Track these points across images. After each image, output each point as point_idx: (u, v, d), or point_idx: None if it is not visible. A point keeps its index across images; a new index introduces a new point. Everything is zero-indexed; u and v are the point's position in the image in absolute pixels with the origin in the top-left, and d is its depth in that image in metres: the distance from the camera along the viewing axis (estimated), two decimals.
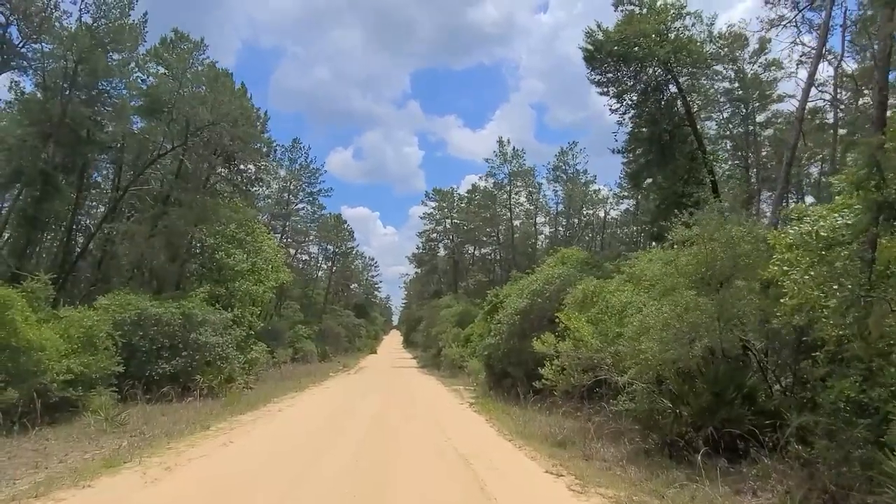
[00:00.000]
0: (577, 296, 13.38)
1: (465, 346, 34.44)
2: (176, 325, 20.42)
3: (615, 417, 12.37)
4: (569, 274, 17.51)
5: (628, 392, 10.33)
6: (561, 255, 20.62)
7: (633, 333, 9.36)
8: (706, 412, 8.99)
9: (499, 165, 52.99)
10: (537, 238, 55.78)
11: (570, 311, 13.01)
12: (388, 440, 11.65)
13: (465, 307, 43.54)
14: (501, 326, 18.82)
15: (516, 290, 20.19)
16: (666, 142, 19.81)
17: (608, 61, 20.18)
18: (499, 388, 19.33)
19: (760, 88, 29.77)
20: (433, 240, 63.89)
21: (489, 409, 16.03)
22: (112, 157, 28.28)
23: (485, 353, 20.32)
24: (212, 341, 20.93)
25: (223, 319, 22.60)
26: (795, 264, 6.89)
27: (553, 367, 11.49)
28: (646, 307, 9.76)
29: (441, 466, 9.18)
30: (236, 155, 31.55)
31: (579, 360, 11.03)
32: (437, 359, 40.40)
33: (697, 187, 18.88)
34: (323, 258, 64.48)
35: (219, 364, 21.24)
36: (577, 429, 11.81)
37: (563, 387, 11.36)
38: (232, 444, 10.44)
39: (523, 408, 15.81)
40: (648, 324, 9.02)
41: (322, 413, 15.94)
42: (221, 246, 26.44)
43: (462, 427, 13.27)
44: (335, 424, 13.66)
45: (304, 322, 49.93)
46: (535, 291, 17.59)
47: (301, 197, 53.01)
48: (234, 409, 15.52)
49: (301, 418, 14.86)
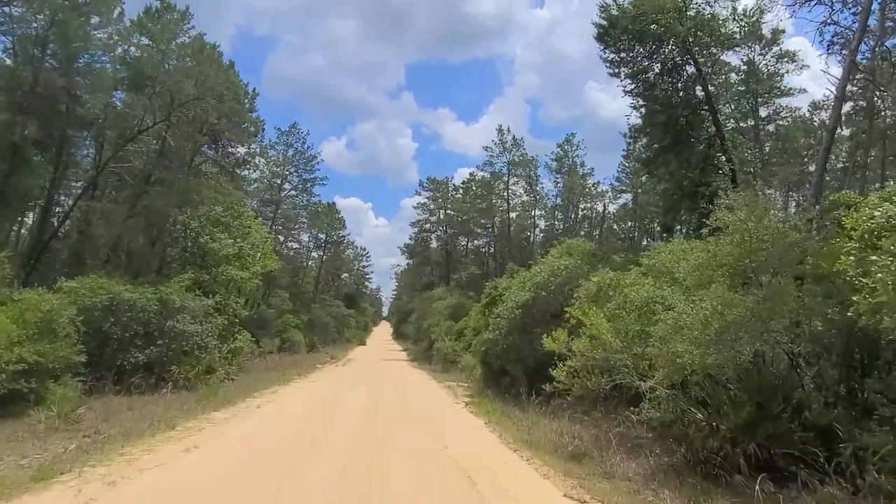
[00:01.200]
0: (590, 289, 12.06)
1: (457, 340, 33.22)
2: (151, 312, 19.09)
3: (628, 424, 11.16)
4: (576, 266, 16.22)
5: (651, 399, 9.07)
6: (567, 246, 19.33)
7: (665, 333, 8.07)
8: (747, 426, 7.74)
9: (497, 154, 51.63)
10: (534, 231, 54.52)
11: (583, 305, 11.73)
12: (377, 449, 10.24)
13: (458, 300, 42.28)
14: (501, 321, 17.51)
15: (517, 282, 18.89)
16: (682, 127, 18.52)
17: (622, 39, 18.80)
18: (496, 386, 18.07)
19: (770, 82, 28.64)
20: (426, 230, 62.46)
21: (487, 409, 14.75)
22: (94, 133, 26.75)
23: (481, 349, 19.02)
24: (190, 329, 19.58)
25: (203, 306, 21.22)
26: (886, 253, 5.57)
27: (566, 368, 10.17)
28: (678, 303, 8.47)
29: (439, 485, 7.85)
30: (223, 134, 30.19)
31: (595, 361, 9.73)
32: (428, 352, 39.10)
33: (715, 176, 17.64)
34: (314, 246, 62.90)
35: (197, 354, 19.88)
36: (588, 437, 10.56)
37: (577, 391, 10.07)
38: (196, 451, 9.05)
39: (524, 410, 14.56)
40: (684, 322, 7.73)
41: (304, 411, 14.54)
42: (206, 229, 25.01)
43: (460, 432, 11.94)
44: (318, 427, 12.26)
45: (293, 311, 48.61)
46: (539, 284, 16.27)
47: (294, 183, 51.41)
48: (209, 404, 14.17)
49: (280, 418, 13.42)
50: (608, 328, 9.54)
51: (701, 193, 17.20)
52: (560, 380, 10.33)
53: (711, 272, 8.37)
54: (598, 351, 9.51)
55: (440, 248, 62.01)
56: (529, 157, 51.90)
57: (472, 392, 19.62)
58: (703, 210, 17.25)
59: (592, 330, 9.72)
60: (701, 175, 17.88)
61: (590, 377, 9.70)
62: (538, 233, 56.39)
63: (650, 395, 9.14)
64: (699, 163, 18.30)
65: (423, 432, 11.77)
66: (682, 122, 18.48)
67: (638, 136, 20.44)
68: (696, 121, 18.75)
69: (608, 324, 9.65)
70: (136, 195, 22.84)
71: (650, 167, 20.88)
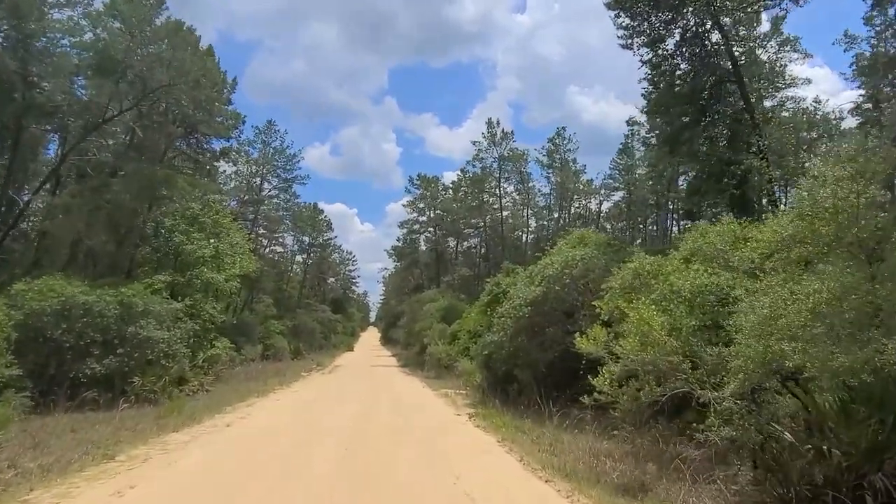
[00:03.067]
0: (625, 278, 10.04)
1: (451, 343, 31.17)
2: (111, 317, 16.98)
3: (674, 442, 9.19)
4: (593, 256, 14.24)
5: (718, 412, 7.08)
6: (579, 236, 17.33)
7: (754, 327, 6.09)
8: (873, 450, 5.76)
9: (486, 148, 49.59)
10: (528, 227, 52.54)
11: (615, 298, 9.74)
12: (371, 486, 7.81)
13: (450, 302, 40.29)
14: (506, 321, 15.50)
15: (523, 277, 16.91)
16: (705, 101, 16.64)
17: (639, 4, 16.93)
18: (501, 394, 16.02)
19: (772, 73, 26.86)
20: (415, 231, 60.31)
21: (496, 423, 12.65)
22: (56, 124, 24.41)
23: (483, 353, 16.98)
24: (155, 336, 17.46)
25: (172, 310, 19.06)
26: None
27: (608, 375, 8.10)
28: (741, 291, 6.51)
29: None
30: (198, 127, 27.98)
31: (645, 366, 7.71)
32: (420, 357, 36.95)
33: (745, 154, 15.76)
34: (298, 249, 60.58)
35: (164, 363, 17.74)
36: (628, 458, 8.54)
37: (627, 405, 8.02)
38: (128, 494, 6.78)
39: (539, 422, 12.58)
40: (784, 313, 5.75)
41: (281, 430, 12.25)
42: (180, 227, 22.79)
43: (471, 456, 9.70)
44: (296, 451, 10.07)
45: (277, 317, 46.39)
46: (551, 277, 14.26)
47: (275, 183, 49.07)
48: (170, 423, 12.02)
49: (252, 440, 11.01)
50: (661, 324, 7.53)
51: (732, 173, 15.36)
52: (603, 390, 8.23)
53: (806, 250, 6.37)
54: (648, 352, 7.49)
55: (430, 250, 59.90)
56: (520, 152, 49.86)
57: (473, 401, 17.58)
58: (733, 192, 15.41)
59: (640, 326, 7.69)
60: (730, 153, 16.01)
61: (643, 385, 7.66)
62: (528, 233, 54.68)
63: (716, 406, 7.16)
64: (726, 141, 16.45)
65: (426, 457, 9.63)
66: (704, 95, 16.63)
67: (656, 112, 18.44)
68: (721, 94, 16.90)
69: (660, 318, 7.62)
70: (98, 188, 20.48)
71: (672, 146, 18.85)
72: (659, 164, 28.23)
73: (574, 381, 14.47)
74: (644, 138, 39.03)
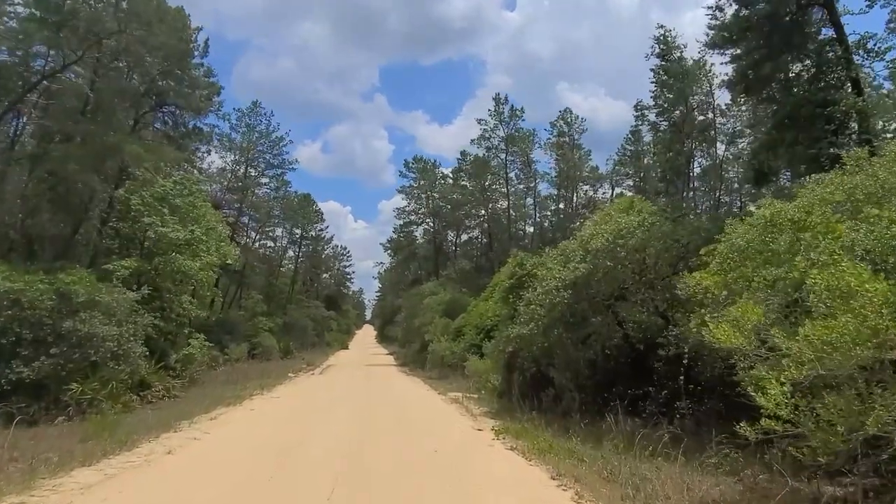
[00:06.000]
0: (735, 243, 6.70)
1: (456, 340, 27.92)
2: (44, 310, 13.72)
3: None
4: (655, 222, 10.98)
5: None
6: (628, 201, 13.99)
7: None
8: None
9: (493, 128, 45.96)
10: (536, 216, 49.09)
11: (731, 263, 6.46)
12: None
13: (453, 295, 36.96)
14: (536, 309, 12.17)
15: (554, 255, 13.60)
16: (787, 29, 13.34)
17: None
18: (531, 400, 12.73)
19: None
20: (412, 222, 56.78)
21: (538, 446, 9.20)
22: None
23: (506, 349, 13.64)
24: (101, 332, 14.13)
25: (125, 300, 15.69)
26: None
27: (777, 391, 4.66)
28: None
29: None
30: (167, 96, 24.64)
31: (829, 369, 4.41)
32: (420, 355, 33.62)
33: (837, 93, 12.55)
34: (289, 242, 57.11)
35: (112, 366, 14.38)
36: None
37: (828, 440, 4.63)
38: None
39: (589, 440, 9.40)
40: None
41: (239, 464, 8.43)
42: (147, 206, 19.38)
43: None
44: (256, 498, 6.77)
45: (266, 314, 43.12)
46: (599, 251, 10.94)
47: (262, 170, 45.55)
48: (89, 449, 8.66)
49: (185, 485, 7.26)
50: (886, 290, 4.23)
51: (828, 116, 12.15)
52: (776, 412, 4.80)
53: None
54: (865, 346, 4.19)
55: (428, 242, 56.42)
56: (527, 132, 46.20)
57: (491, 409, 14.33)
58: (830, 140, 12.15)
59: (844, 299, 4.38)
60: (823, 94, 12.75)
61: (854, 405, 4.34)
62: (534, 224, 51.40)
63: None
64: (813, 78, 13.22)
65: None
66: (786, 21, 13.32)
67: (727, 43, 15.00)
68: (805, 21, 13.61)
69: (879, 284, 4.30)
70: (35, 157, 17.04)
71: (748, 86, 15.27)
72: (737, 105, 23.75)
73: (631, 383, 11.26)
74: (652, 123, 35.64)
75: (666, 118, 29.11)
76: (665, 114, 28.96)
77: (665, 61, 29.58)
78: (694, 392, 10.71)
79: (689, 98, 28.82)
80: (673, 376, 10.93)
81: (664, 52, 29.47)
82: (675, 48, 29.43)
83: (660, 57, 29.68)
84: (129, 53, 19.76)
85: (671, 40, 29.47)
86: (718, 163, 30.94)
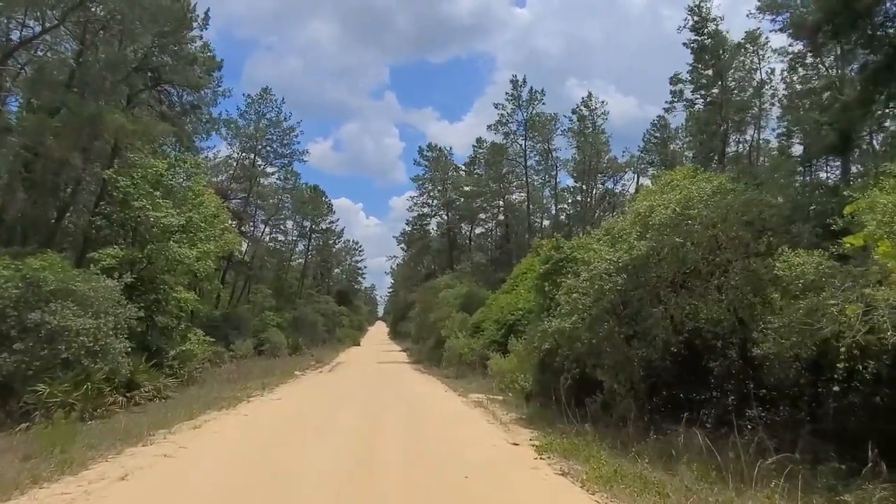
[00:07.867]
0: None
1: (474, 336, 25.88)
2: (7, 299, 11.91)
3: None
4: (732, 189, 8.90)
5: None
6: (691, 169, 11.89)
7: None
8: None
9: (511, 112, 43.73)
10: (555, 207, 46.81)
11: None
12: None
13: (469, 288, 34.92)
14: (580, 299, 10.11)
15: (599, 235, 11.54)
16: None
17: None
18: (574, 406, 10.66)
19: None
20: (425, 214, 54.80)
21: (602, 472, 7.10)
22: None
23: (542, 346, 11.55)
24: (74, 325, 12.26)
25: (105, 289, 13.83)
26: None
27: None
28: None
29: None
30: (162, 71, 22.81)
31: None
32: (435, 352, 31.55)
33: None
34: (298, 235, 55.35)
35: (86, 364, 12.49)
36: None
37: None
38: None
39: (658, 461, 7.38)
40: None
41: (212, 494, 6.62)
42: (143, 190, 17.54)
43: None
44: None
45: (275, 308, 41.38)
46: (663, 225, 8.85)
47: (271, 159, 43.76)
48: (18, 476, 6.76)
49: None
50: None
51: None
52: None
53: None
54: None
55: (441, 235, 54.40)
56: (548, 116, 43.83)
57: (521, 415, 12.33)
58: None
59: None
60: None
61: None
62: (547, 217, 49.23)
63: None
64: None
65: None
66: None
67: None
68: None
69: None
70: (9, 129, 15.20)
71: (837, 27, 12.93)
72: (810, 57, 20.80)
73: (688, 387, 9.23)
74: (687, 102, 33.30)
75: (703, 95, 26.88)
76: (702, 89, 26.72)
77: (699, 35, 27.44)
78: (765, 398, 8.75)
79: (726, 73, 26.60)
80: (735, 378, 8.96)
81: (698, 25, 27.29)
82: (710, 20, 27.25)
83: (693, 30, 27.53)
84: (117, 18, 17.90)
85: (706, 12, 27.29)
86: (757, 143, 28.59)
